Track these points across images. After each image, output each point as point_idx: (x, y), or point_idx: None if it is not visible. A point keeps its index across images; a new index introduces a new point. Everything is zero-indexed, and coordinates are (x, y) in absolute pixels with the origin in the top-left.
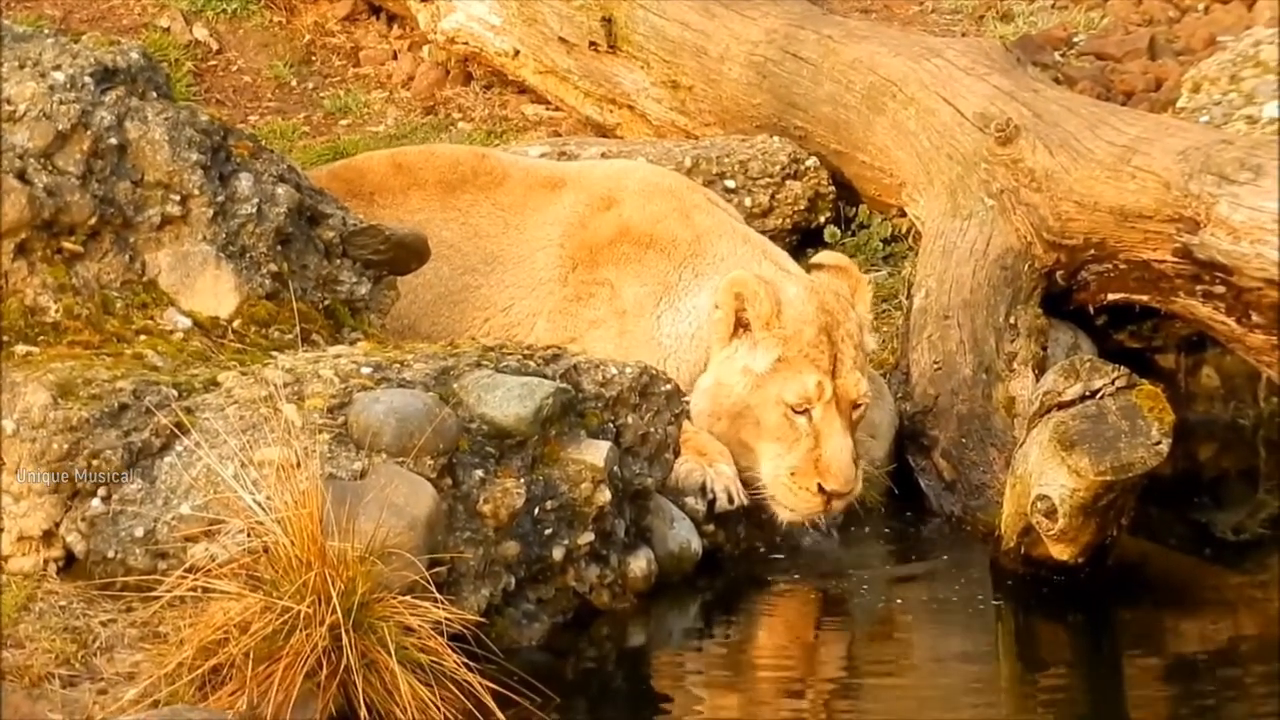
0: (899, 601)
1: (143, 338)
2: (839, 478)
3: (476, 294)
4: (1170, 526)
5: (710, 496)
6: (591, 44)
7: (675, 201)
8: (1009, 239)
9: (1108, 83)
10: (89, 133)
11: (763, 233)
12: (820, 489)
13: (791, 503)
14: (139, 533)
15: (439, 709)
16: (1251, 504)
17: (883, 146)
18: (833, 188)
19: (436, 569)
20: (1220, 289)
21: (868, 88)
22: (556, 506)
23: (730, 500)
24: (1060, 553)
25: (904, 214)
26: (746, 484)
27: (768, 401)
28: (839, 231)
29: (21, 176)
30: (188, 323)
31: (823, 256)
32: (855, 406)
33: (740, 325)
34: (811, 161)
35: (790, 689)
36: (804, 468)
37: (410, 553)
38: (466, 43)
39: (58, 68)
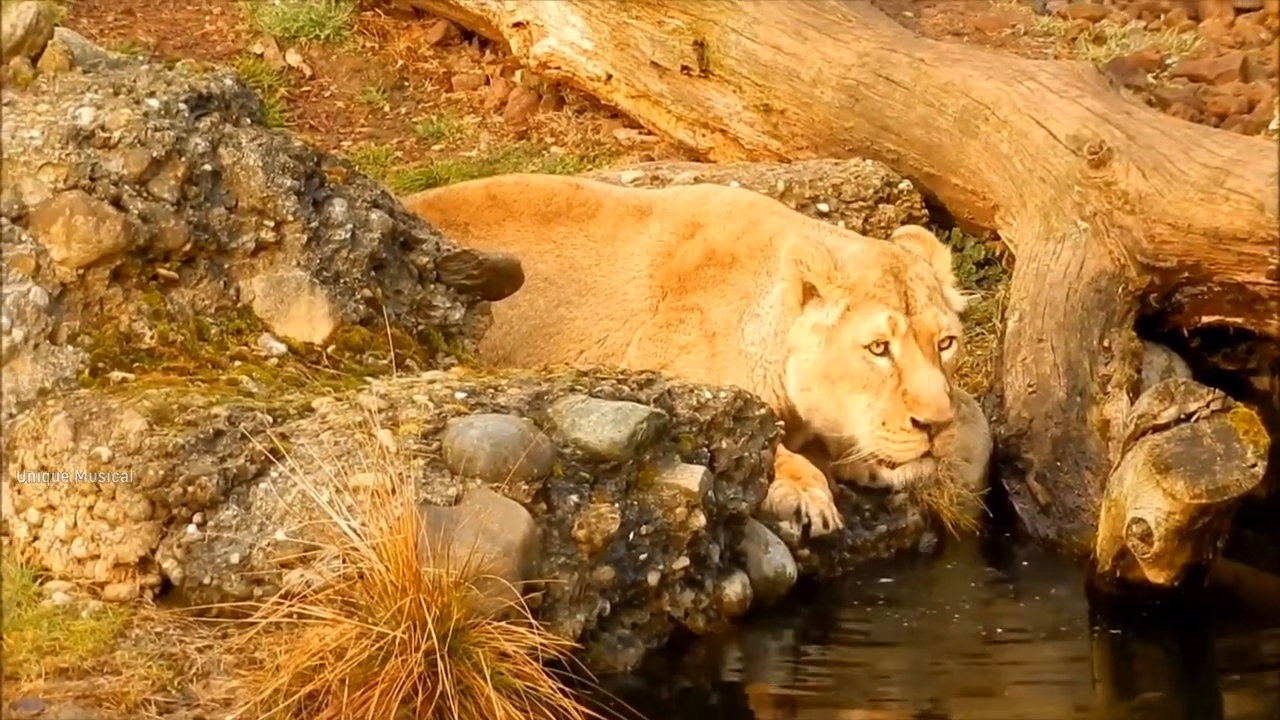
0: (999, 631)
1: (237, 364)
2: (930, 406)
3: (571, 326)
4: (1265, 549)
5: (805, 521)
6: (684, 68)
7: (754, 214)
8: (1102, 262)
9: (1200, 105)
10: (184, 159)
11: None
12: (915, 424)
13: (892, 453)
14: (234, 559)
15: None
16: None
17: (975, 169)
18: (926, 211)
19: (531, 594)
20: None
21: (960, 111)
22: (651, 531)
23: (825, 525)
24: (1156, 576)
25: (997, 237)
26: (847, 480)
27: (845, 351)
28: None
29: (116, 203)
30: (282, 348)
31: (899, 231)
32: (941, 343)
33: (808, 293)
34: (905, 185)
35: (885, 715)
36: (893, 409)
37: (505, 578)
38: (559, 67)
39: (152, 94)
